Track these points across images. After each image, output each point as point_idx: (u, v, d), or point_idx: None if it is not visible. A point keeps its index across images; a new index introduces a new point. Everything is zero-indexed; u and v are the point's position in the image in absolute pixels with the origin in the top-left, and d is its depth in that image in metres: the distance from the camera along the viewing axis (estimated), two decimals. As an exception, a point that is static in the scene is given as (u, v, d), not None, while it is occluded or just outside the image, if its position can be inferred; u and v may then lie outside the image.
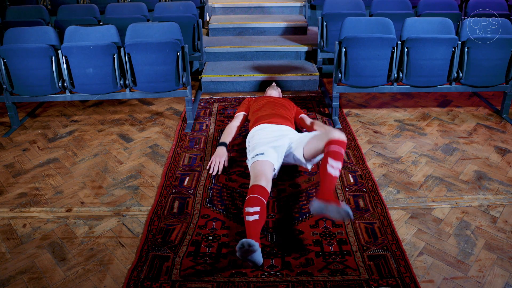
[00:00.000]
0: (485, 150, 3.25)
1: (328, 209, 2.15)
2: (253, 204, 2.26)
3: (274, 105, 3.14)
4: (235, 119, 3.23)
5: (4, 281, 2.09)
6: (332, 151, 2.36)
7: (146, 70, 3.48)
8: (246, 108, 3.29)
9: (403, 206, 2.61)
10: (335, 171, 2.30)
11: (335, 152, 2.35)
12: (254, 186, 2.38)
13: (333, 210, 2.14)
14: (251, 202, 2.28)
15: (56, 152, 3.32)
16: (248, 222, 2.20)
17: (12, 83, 3.50)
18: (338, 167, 2.32)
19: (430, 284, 2.04)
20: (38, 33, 3.56)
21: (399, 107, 4.02)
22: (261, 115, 3.01)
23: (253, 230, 2.15)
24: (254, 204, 2.25)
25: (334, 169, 2.30)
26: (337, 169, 2.31)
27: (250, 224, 2.18)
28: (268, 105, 3.13)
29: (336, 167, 2.31)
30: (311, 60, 4.96)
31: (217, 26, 5.47)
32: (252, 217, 2.20)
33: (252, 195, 2.32)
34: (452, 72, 3.57)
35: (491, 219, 2.49)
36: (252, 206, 2.24)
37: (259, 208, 2.24)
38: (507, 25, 3.63)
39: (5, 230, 2.46)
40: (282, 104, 3.18)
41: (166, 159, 3.16)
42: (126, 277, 2.08)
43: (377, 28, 3.79)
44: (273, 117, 2.96)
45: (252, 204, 2.26)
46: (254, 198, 2.29)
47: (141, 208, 2.63)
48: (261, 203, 2.28)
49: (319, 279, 2.05)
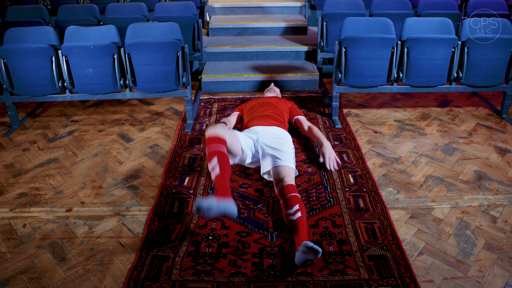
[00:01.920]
0: (485, 150, 3.25)
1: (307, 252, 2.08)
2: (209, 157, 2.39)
3: (263, 106, 3.22)
4: (231, 115, 3.35)
5: (4, 281, 2.09)
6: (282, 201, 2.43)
7: (146, 70, 3.48)
8: (240, 109, 3.39)
9: (403, 206, 2.61)
10: (294, 216, 2.28)
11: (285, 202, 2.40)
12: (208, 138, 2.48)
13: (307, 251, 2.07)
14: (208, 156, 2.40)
15: (56, 152, 3.32)
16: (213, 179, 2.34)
17: (12, 83, 3.51)
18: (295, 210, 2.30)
19: (430, 284, 2.04)
20: (38, 33, 3.56)
21: (399, 107, 4.02)
22: (251, 117, 3.10)
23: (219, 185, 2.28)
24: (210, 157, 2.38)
25: (293, 215, 2.29)
26: (296, 212, 2.29)
27: (215, 180, 2.33)
28: (257, 106, 3.23)
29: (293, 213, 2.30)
30: (311, 60, 4.96)
31: (217, 26, 5.47)
32: (213, 173, 2.34)
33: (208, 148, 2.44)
34: (452, 72, 3.57)
35: (491, 219, 2.49)
36: (210, 161, 2.38)
37: (216, 159, 2.35)
38: (507, 25, 3.63)
39: (5, 230, 2.46)
40: (273, 104, 3.25)
41: (166, 159, 3.16)
42: (126, 277, 2.08)
43: (377, 28, 3.79)
44: (261, 119, 3.03)
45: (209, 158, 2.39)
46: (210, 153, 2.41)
47: (141, 208, 2.63)
48: (216, 153, 2.38)
49: (319, 279, 2.05)
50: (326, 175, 2.89)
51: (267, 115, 3.07)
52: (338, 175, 2.88)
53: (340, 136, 3.44)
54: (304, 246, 2.02)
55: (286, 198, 2.40)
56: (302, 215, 2.29)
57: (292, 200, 2.36)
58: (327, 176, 2.88)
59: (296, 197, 2.38)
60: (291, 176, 2.59)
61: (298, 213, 2.28)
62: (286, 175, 2.57)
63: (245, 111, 3.29)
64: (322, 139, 3.05)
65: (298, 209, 2.30)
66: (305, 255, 2.05)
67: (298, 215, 2.28)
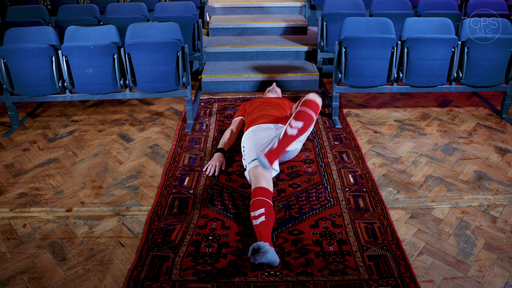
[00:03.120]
0: (485, 150, 3.25)
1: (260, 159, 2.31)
2: (256, 207, 2.29)
3: (266, 105, 3.23)
4: (232, 123, 3.32)
5: (4, 281, 2.09)
6: (297, 111, 2.38)
7: (146, 70, 3.48)
8: (242, 113, 3.39)
9: (403, 206, 2.61)
10: (292, 130, 2.28)
11: (299, 112, 2.36)
12: (255, 189, 2.42)
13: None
14: (255, 205, 2.31)
15: (56, 152, 3.32)
16: (256, 226, 2.22)
17: (12, 83, 3.51)
18: (297, 126, 2.30)
19: (430, 284, 2.04)
20: (38, 33, 3.56)
21: (399, 107, 4.02)
22: (254, 117, 3.09)
23: (263, 232, 2.17)
24: (258, 207, 2.28)
25: (292, 128, 2.28)
26: (295, 128, 2.29)
27: (258, 227, 2.20)
28: (261, 106, 3.22)
29: (294, 127, 2.29)
30: (311, 60, 4.96)
31: (217, 26, 5.47)
32: (259, 220, 2.22)
33: (255, 198, 2.35)
34: (452, 72, 3.57)
35: (491, 219, 2.49)
36: (257, 209, 2.27)
37: (263, 209, 2.26)
38: (507, 25, 3.63)
39: (5, 230, 2.46)
40: (276, 103, 3.25)
41: (166, 159, 3.16)
42: (126, 277, 2.08)
43: (377, 28, 3.79)
44: (264, 118, 3.02)
45: (255, 207, 2.29)
46: (257, 201, 2.32)
47: (141, 208, 2.63)
48: (265, 203, 2.31)
49: (319, 279, 2.05)
50: (326, 175, 2.89)
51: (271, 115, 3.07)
52: (338, 175, 2.88)
53: (340, 136, 3.44)
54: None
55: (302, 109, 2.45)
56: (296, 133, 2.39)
57: (303, 115, 2.39)
58: (327, 176, 2.87)
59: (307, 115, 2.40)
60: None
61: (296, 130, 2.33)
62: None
63: (248, 110, 3.28)
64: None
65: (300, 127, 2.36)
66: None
67: (294, 132, 2.32)
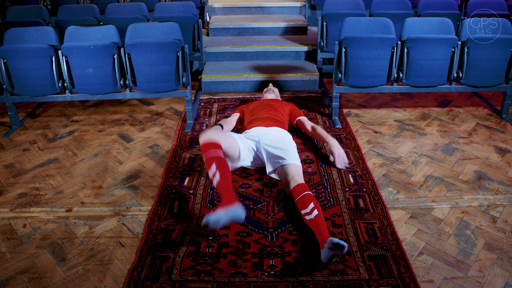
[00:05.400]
0: (485, 150, 3.25)
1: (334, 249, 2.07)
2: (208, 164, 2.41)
3: (264, 107, 3.23)
4: (231, 116, 3.35)
5: (4, 281, 2.09)
6: (296, 201, 2.40)
7: (146, 70, 3.48)
8: (241, 111, 3.39)
9: (403, 206, 2.61)
10: (311, 215, 2.26)
11: (299, 202, 2.37)
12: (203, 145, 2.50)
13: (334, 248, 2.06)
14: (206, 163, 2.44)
15: (56, 152, 3.32)
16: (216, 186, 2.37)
17: (12, 83, 3.51)
18: (311, 208, 2.28)
19: (430, 284, 2.04)
20: (38, 33, 3.56)
21: (399, 107, 4.02)
22: (251, 119, 3.10)
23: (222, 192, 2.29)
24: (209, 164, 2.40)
25: (310, 214, 2.26)
26: (312, 210, 2.26)
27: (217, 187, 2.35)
28: (258, 109, 3.22)
29: (310, 212, 2.27)
30: (311, 60, 4.96)
31: (217, 26, 5.47)
32: (215, 180, 2.35)
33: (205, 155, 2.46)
34: (452, 72, 3.57)
35: (491, 219, 2.49)
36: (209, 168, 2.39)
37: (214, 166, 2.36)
38: (507, 25, 3.63)
39: (5, 230, 2.46)
40: (273, 106, 3.25)
41: (166, 159, 3.16)
42: (126, 277, 2.08)
43: (377, 28, 3.79)
44: (262, 121, 3.03)
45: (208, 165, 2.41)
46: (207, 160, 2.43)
47: (141, 208, 2.63)
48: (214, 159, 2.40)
49: (319, 279, 2.05)
50: (326, 175, 2.89)
51: (267, 117, 3.08)
52: (338, 175, 2.89)
53: (340, 136, 3.44)
54: (330, 243, 2.02)
55: (299, 198, 2.38)
56: (319, 212, 2.27)
57: (306, 199, 2.35)
58: (327, 176, 2.88)
59: (309, 195, 2.37)
60: (299, 175, 2.59)
61: (315, 211, 2.27)
62: (294, 174, 2.57)
63: (246, 112, 3.30)
64: (328, 138, 3.04)
65: (314, 207, 2.29)
66: (332, 252, 2.04)
67: (315, 213, 2.26)
